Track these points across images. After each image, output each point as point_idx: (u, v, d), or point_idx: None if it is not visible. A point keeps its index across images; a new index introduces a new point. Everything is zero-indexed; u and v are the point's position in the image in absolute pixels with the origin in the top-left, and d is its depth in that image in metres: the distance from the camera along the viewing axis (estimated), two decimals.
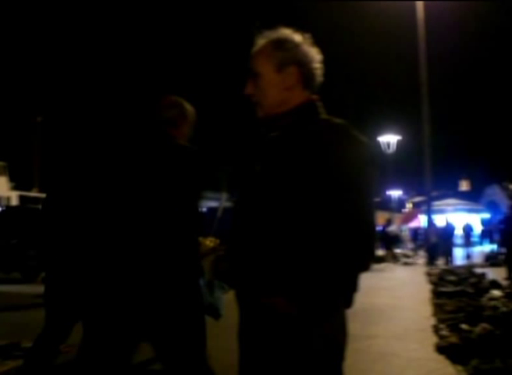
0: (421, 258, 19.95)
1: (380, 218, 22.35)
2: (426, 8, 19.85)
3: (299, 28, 1.70)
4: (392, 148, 29.23)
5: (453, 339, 5.00)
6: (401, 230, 28.32)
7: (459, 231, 24.14)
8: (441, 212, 29.38)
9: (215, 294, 3.05)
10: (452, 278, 10.91)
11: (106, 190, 2.53)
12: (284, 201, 1.52)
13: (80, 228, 3.15)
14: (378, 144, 28.61)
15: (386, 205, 39.60)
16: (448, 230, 19.35)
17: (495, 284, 9.21)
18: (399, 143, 29.58)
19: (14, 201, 28.48)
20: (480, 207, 42.68)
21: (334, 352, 1.55)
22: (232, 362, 1.73)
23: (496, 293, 8.07)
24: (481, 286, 9.08)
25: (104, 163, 2.99)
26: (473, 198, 46.90)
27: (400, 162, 37.90)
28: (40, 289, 3.52)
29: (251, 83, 1.70)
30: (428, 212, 20.15)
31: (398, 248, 23.33)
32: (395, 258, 19.66)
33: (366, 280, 1.86)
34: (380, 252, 19.52)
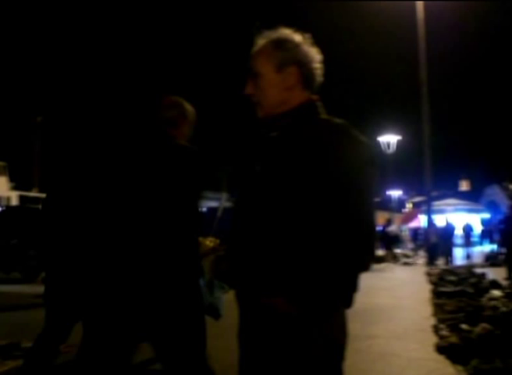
0: (421, 258, 19.95)
1: (380, 218, 22.34)
2: (426, 8, 19.85)
3: (299, 28, 1.70)
4: (392, 148, 29.25)
5: (453, 339, 5.00)
6: (401, 230, 28.31)
7: (459, 231, 24.15)
8: (441, 212, 29.38)
9: (215, 294, 3.05)
10: (452, 278, 10.90)
11: (106, 190, 2.53)
12: (284, 201, 1.52)
13: (80, 228, 3.15)
14: (378, 144, 28.62)
15: (386, 205, 39.59)
16: (448, 230, 19.35)
17: (495, 284, 9.21)
18: (399, 143, 29.62)
19: (14, 201, 28.48)
20: (480, 207, 42.68)
21: (334, 352, 1.55)
22: (232, 362, 1.73)
23: (496, 293, 8.07)
24: (481, 286, 9.07)
25: (104, 163, 2.99)
26: (473, 198, 46.92)
27: (400, 162, 37.93)
28: (40, 289, 3.52)
29: (251, 83, 1.70)
30: (428, 212, 20.15)
31: (398, 248, 23.32)
32: (395, 258, 19.66)
33: (366, 280, 1.86)
34: (380, 252, 19.52)
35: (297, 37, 1.68)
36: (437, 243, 18.38)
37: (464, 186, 61.35)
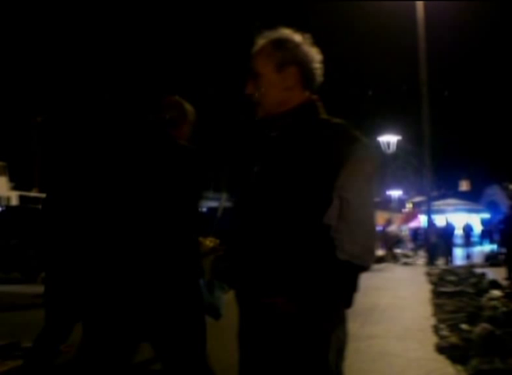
0: (421, 258, 19.94)
1: (380, 218, 22.32)
2: (426, 8, 19.84)
3: (299, 28, 1.70)
4: (392, 148, 29.24)
5: (453, 339, 5.00)
6: (401, 230, 28.29)
7: (459, 231, 24.12)
8: (441, 212, 29.32)
9: (215, 294, 3.04)
10: (452, 278, 10.91)
11: (106, 190, 2.53)
12: (284, 201, 1.52)
13: (80, 228, 3.15)
14: (378, 144, 28.61)
15: (386, 205, 39.58)
16: (448, 230, 19.35)
17: (495, 284, 9.21)
18: (399, 143, 29.60)
19: (14, 201, 28.46)
20: (480, 207, 42.64)
21: (334, 352, 1.55)
22: (232, 362, 1.73)
23: (496, 293, 8.06)
24: (481, 286, 9.07)
25: (104, 163, 2.99)
26: (473, 198, 46.84)
27: (400, 162, 37.93)
28: (40, 289, 3.52)
29: (251, 83, 1.70)
30: (428, 212, 20.13)
31: (398, 248, 23.32)
32: (395, 258, 19.65)
33: (366, 280, 1.86)
34: (380, 252, 19.52)
35: (297, 37, 1.68)
36: (437, 243, 18.38)
37: (464, 186, 61.26)
